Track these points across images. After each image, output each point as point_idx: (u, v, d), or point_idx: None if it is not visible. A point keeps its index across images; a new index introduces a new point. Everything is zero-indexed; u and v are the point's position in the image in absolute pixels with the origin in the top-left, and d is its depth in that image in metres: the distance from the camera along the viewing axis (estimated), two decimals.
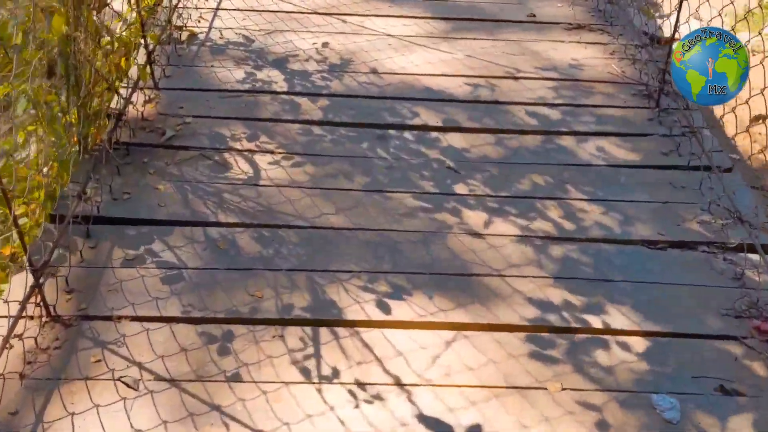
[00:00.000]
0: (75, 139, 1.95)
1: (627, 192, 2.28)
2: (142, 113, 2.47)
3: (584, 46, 3.12)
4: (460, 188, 2.27)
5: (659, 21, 3.98)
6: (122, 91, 2.45)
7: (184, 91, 2.65)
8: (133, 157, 2.32)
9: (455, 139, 2.49)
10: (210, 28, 3.08)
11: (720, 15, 2.56)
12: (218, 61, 2.84)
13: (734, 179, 2.33)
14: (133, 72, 2.57)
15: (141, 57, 2.65)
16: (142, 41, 2.53)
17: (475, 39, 3.12)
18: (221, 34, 3.03)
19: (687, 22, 2.76)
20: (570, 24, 3.31)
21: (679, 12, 2.49)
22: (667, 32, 3.49)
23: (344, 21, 3.20)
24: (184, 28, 2.99)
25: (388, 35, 3.12)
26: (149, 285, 1.86)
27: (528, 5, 3.45)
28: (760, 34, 2.19)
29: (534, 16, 3.36)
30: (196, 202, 2.14)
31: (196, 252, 1.97)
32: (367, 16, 3.26)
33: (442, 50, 3.03)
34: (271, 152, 2.37)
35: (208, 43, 2.96)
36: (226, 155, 2.34)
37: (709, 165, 2.34)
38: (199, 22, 3.09)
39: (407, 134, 2.51)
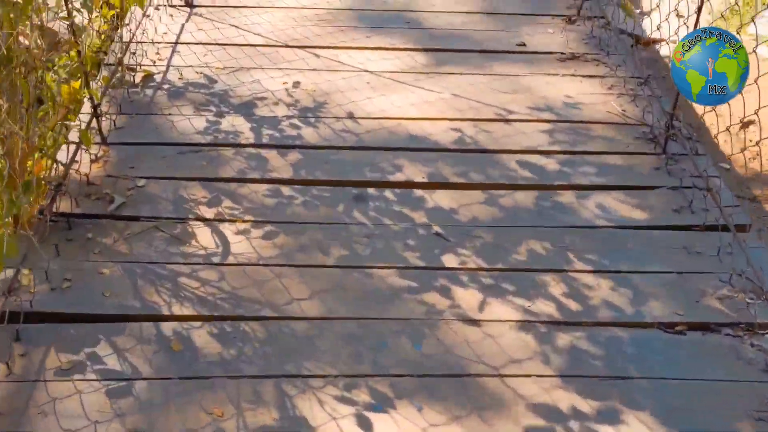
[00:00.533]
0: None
1: (637, 260, 2.04)
2: (86, 177, 2.17)
3: (580, 79, 2.87)
4: (449, 260, 2.01)
5: (643, 20, 3.78)
6: (64, 150, 2.15)
7: (137, 146, 2.36)
8: (76, 232, 2.02)
9: (443, 198, 2.23)
10: (168, 66, 2.77)
11: (697, 12, 2.30)
12: (176, 107, 2.55)
13: (757, 245, 2.09)
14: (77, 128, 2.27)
15: (86, 107, 2.34)
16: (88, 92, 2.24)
17: (461, 74, 2.85)
18: (180, 74, 2.73)
19: (667, 19, 2.59)
20: (563, 54, 3.05)
21: (698, 16, 2.22)
22: (650, 32, 3.27)
23: (317, 55, 2.92)
24: (139, 69, 2.69)
25: (366, 71, 2.84)
26: (88, 404, 1.57)
27: (517, 32, 3.19)
28: (738, 32, 2.06)
29: (524, 45, 3.10)
30: (148, 290, 1.86)
31: (146, 356, 1.69)
32: (342, 48, 2.98)
33: (426, 88, 2.76)
34: (235, 220, 2.09)
35: (166, 86, 2.66)
36: (184, 226, 2.06)
37: (726, 225, 2.10)
38: (155, 62, 2.78)
39: (388, 193, 2.24)
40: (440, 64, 2.93)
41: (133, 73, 2.65)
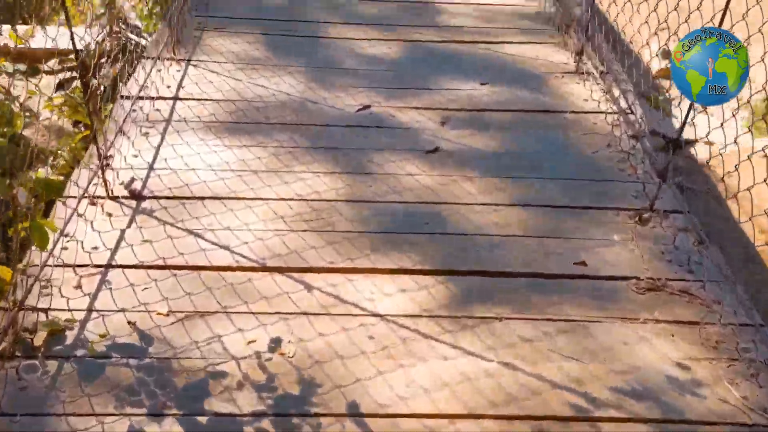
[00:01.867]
0: None
1: None
2: None
3: (671, 332, 2.04)
4: None
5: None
6: None
7: None
8: None
9: None
10: (89, 311, 1.92)
11: (734, 116, 2.19)
12: (86, 399, 1.66)
13: None
14: None
15: None
16: None
17: (506, 319, 2.02)
18: (105, 326, 1.87)
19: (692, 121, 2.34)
20: (639, 279, 2.23)
21: None
22: (690, 133, 2.62)
23: (308, 287, 2.07)
24: (41, 325, 1.83)
25: (376, 316, 2.00)
26: None
27: (570, 239, 2.37)
28: None
29: (585, 264, 2.29)
30: None
31: None
32: (343, 272, 2.14)
33: (460, 347, 1.91)
34: None
35: (79, 352, 1.79)
36: None
37: None
38: (69, 307, 1.89)
39: None
40: (475, 299, 2.09)
41: (31, 335, 1.78)
